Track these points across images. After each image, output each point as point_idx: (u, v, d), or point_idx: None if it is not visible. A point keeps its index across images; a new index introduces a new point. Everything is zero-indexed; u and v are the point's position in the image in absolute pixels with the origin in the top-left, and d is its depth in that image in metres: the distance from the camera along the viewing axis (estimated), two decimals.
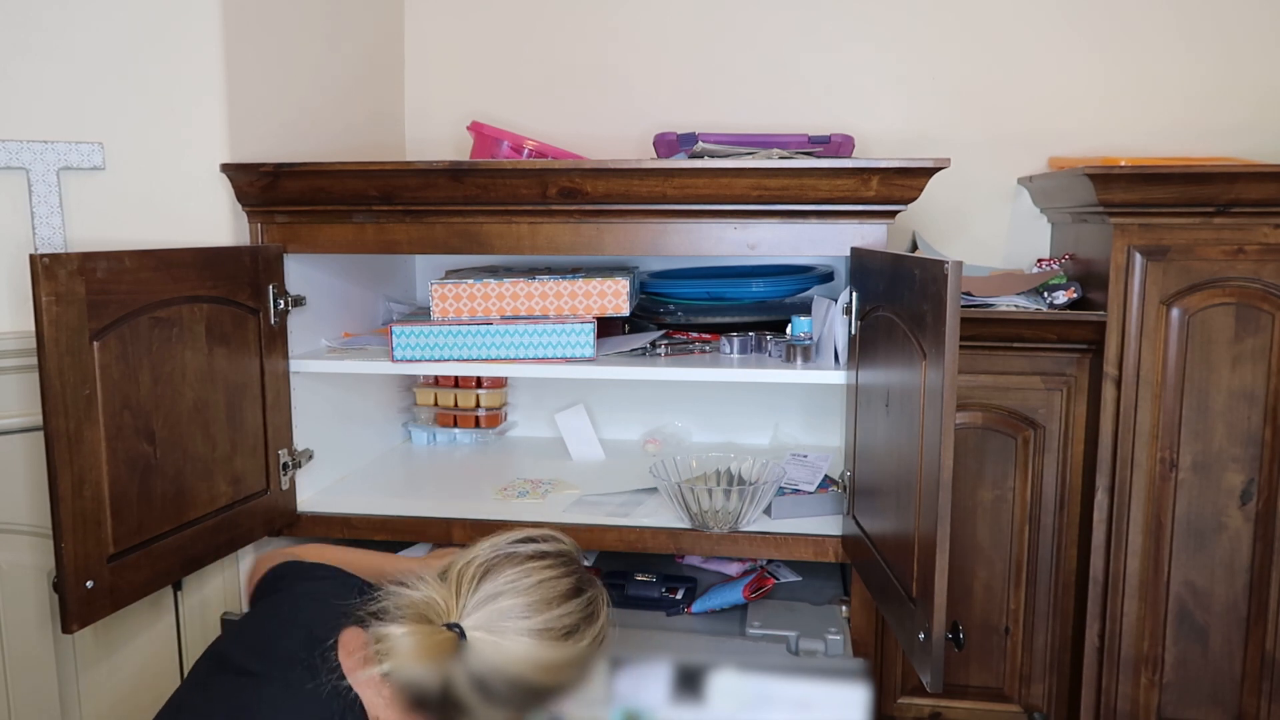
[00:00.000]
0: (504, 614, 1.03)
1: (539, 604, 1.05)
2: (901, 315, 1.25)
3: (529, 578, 1.06)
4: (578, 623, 1.07)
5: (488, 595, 1.04)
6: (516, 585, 1.05)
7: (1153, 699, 1.75)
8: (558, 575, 1.09)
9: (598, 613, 1.11)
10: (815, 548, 1.58)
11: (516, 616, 1.03)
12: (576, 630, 1.07)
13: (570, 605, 1.08)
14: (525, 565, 1.08)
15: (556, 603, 1.06)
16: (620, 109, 2.18)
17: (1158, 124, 2.03)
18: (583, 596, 1.10)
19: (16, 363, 1.46)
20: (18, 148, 1.50)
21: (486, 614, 1.03)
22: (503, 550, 1.10)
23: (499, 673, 1.02)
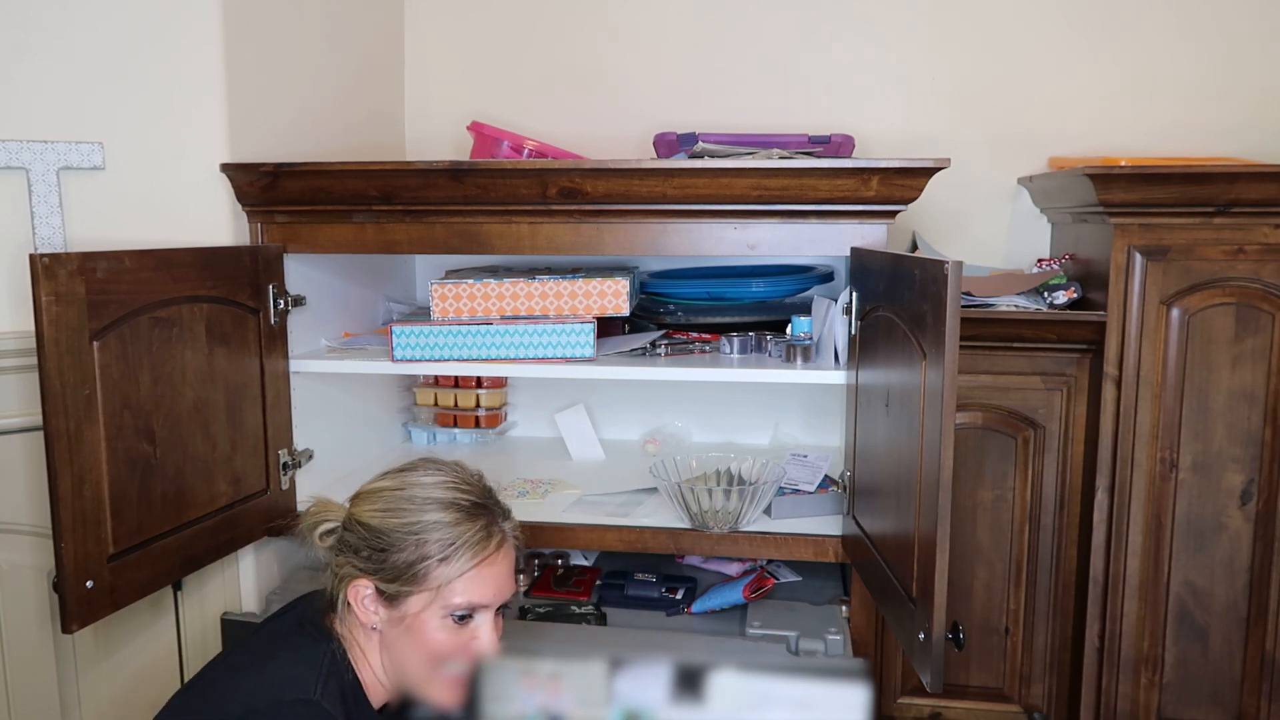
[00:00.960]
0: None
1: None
2: (901, 315, 1.25)
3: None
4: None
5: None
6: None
7: (1153, 699, 1.75)
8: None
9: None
10: (815, 548, 1.58)
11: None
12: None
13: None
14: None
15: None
16: (620, 109, 2.18)
17: (1158, 124, 2.03)
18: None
19: (16, 363, 1.46)
20: (18, 148, 1.50)
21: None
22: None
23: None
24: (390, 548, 1.10)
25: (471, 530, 1.11)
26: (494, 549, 1.12)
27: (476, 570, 1.10)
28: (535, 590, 1.74)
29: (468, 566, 1.09)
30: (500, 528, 1.15)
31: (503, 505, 1.19)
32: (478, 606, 1.11)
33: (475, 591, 1.10)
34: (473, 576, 1.10)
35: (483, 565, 1.11)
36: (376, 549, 1.10)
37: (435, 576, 1.09)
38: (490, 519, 1.14)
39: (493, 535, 1.13)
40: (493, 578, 1.12)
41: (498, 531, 1.14)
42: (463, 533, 1.10)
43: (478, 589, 1.10)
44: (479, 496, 1.15)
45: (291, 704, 1.02)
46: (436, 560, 1.09)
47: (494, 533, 1.13)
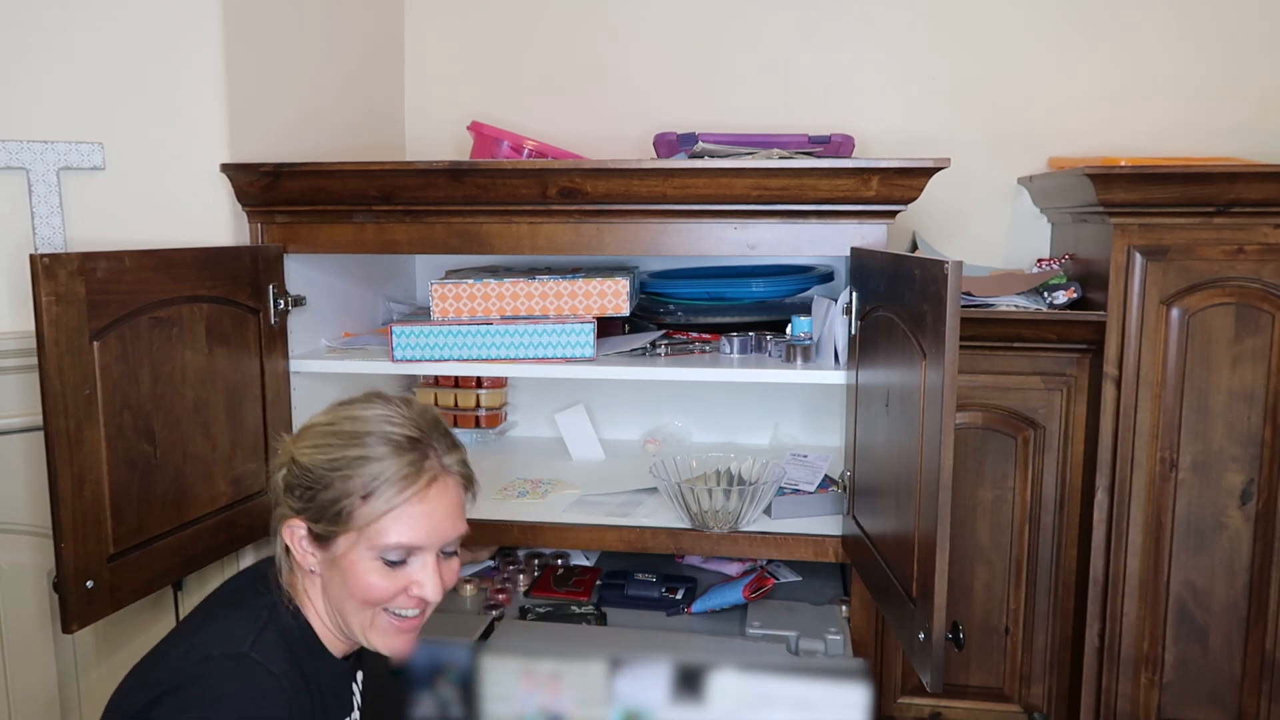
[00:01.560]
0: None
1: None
2: (901, 315, 1.25)
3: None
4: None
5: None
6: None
7: (1153, 699, 1.75)
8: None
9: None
10: (815, 548, 1.58)
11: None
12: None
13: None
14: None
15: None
16: (620, 109, 2.18)
17: (1158, 124, 2.03)
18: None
19: (16, 363, 1.46)
20: (18, 148, 1.49)
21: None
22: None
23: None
24: (317, 485, 1.03)
25: (398, 464, 1.02)
26: (425, 484, 1.03)
27: (406, 508, 1.02)
28: (535, 590, 1.74)
29: (394, 504, 1.01)
30: (438, 463, 1.06)
31: (448, 439, 1.10)
32: (410, 548, 1.03)
33: (405, 531, 1.02)
34: (400, 515, 1.02)
35: (413, 502, 1.02)
36: (306, 487, 1.04)
37: (360, 515, 1.01)
38: (424, 453, 1.05)
39: (425, 470, 1.04)
40: (426, 516, 1.03)
41: (433, 467, 1.05)
42: (387, 468, 1.02)
43: (407, 529, 1.02)
44: (415, 430, 1.06)
45: (219, 658, 0.96)
46: (359, 498, 1.01)
47: (427, 468, 1.04)
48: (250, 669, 0.96)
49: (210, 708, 0.93)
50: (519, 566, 1.83)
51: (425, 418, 1.09)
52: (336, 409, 1.10)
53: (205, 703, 0.93)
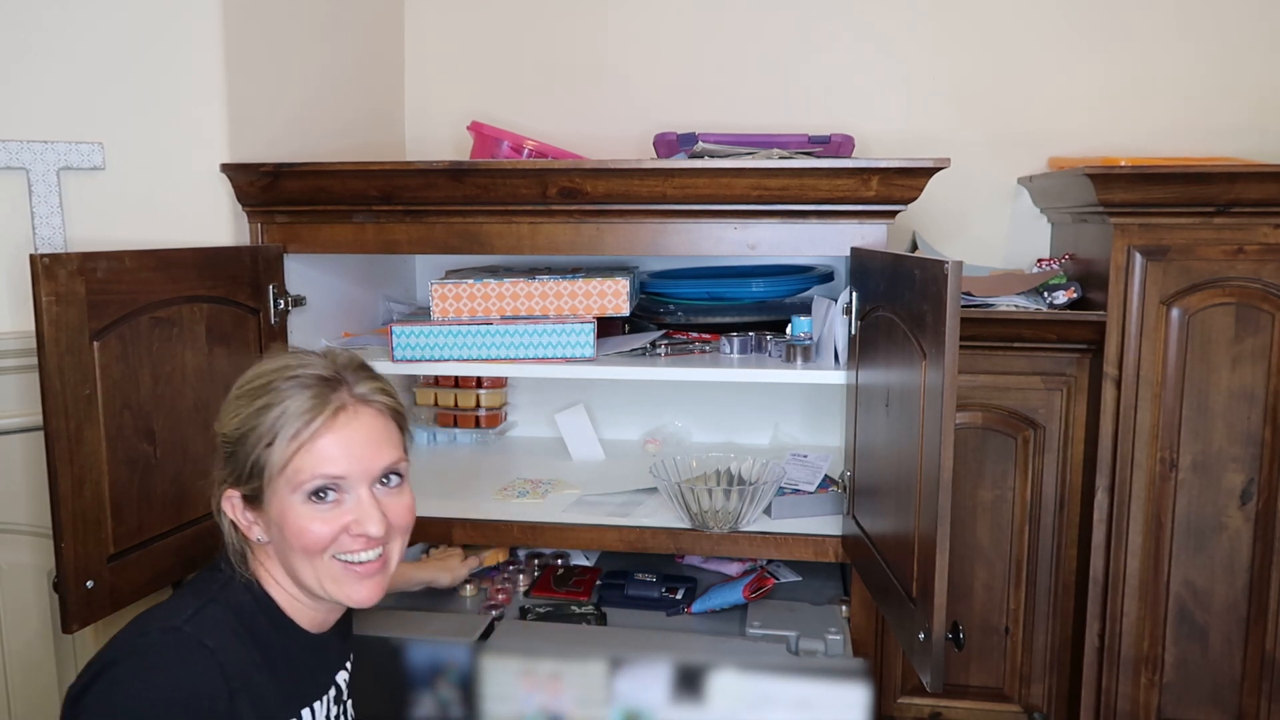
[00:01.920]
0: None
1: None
2: (901, 315, 1.25)
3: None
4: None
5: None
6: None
7: (1153, 699, 1.75)
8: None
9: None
10: (815, 548, 1.58)
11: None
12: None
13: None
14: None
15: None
16: (620, 109, 2.18)
17: (1158, 124, 2.03)
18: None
19: (16, 363, 1.46)
20: (18, 148, 1.50)
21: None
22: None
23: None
24: (235, 446, 1.01)
25: (299, 403, 0.99)
26: (332, 414, 1.00)
27: (315, 441, 0.98)
28: (535, 590, 1.74)
29: (303, 438, 0.98)
30: (347, 393, 1.02)
31: (364, 372, 1.06)
32: (332, 478, 0.99)
33: (319, 464, 0.98)
34: (311, 448, 0.98)
35: (321, 433, 0.99)
36: (228, 454, 1.02)
37: (274, 461, 0.98)
38: (328, 386, 1.01)
39: (330, 401, 1.00)
40: (342, 443, 0.99)
41: (341, 397, 1.01)
42: (289, 406, 0.99)
43: (321, 460, 0.98)
44: (323, 369, 1.03)
45: (154, 632, 0.95)
46: (265, 445, 0.98)
47: (332, 400, 1.00)
48: (182, 641, 0.94)
49: (143, 681, 0.91)
50: (519, 566, 1.83)
51: (338, 360, 1.05)
52: (245, 373, 1.06)
53: (139, 676, 0.92)
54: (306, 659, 1.08)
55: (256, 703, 0.98)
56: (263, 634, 1.02)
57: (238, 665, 0.97)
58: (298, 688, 1.05)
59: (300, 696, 1.06)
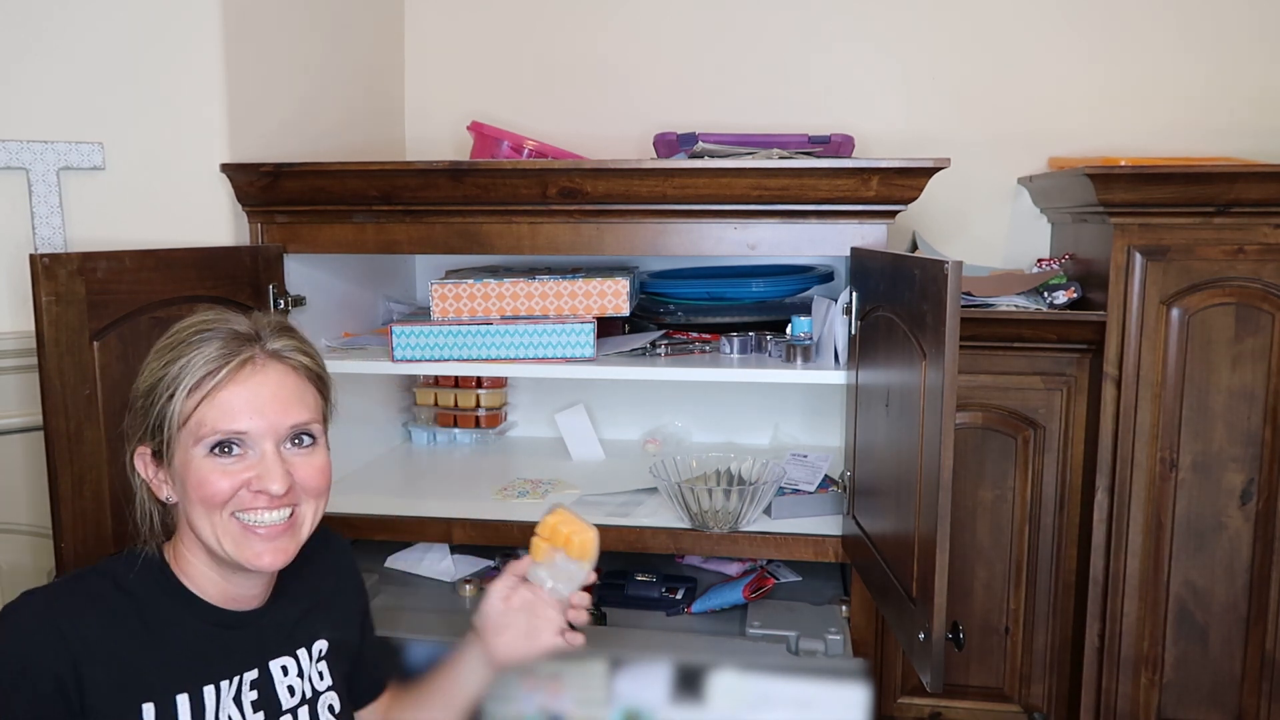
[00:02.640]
0: None
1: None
2: (901, 315, 1.25)
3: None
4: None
5: None
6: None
7: (1153, 699, 1.75)
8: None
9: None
10: (815, 548, 1.58)
11: None
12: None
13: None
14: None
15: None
16: (620, 109, 2.18)
17: (1158, 124, 2.03)
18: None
19: (16, 363, 1.46)
20: (18, 148, 1.49)
21: None
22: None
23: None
24: (144, 400, 0.99)
25: (205, 352, 0.96)
26: (239, 366, 0.97)
27: (218, 393, 0.96)
28: None
29: (205, 389, 0.95)
30: (256, 350, 0.99)
31: (284, 329, 1.03)
32: (233, 432, 0.96)
33: (223, 417, 0.95)
34: (214, 400, 0.95)
35: (225, 385, 0.96)
36: (140, 412, 1.00)
37: (178, 413, 0.95)
38: (239, 339, 0.98)
39: (236, 354, 0.97)
40: (245, 397, 0.96)
41: (249, 351, 0.98)
42: (196, 358, 0.96)
43: (225, 413, 0.95)
44: (236, 324, 1.00)
45: (12, 601, 0.94)
46: (167, 396, 0.96)
47: (240, 352, 0.97)
48: (27, 608, 0.94)
49: None
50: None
51: (260, 320, 1.03)
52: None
53: None
54: (214, 636, 1.02)
55: (117, 674, 0.94)
56: (152, 608, 0.99)
57: (92, 635, 0.94)
58: (193, 665, 1.00)
59: (196, 674, 1.00)
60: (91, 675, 0.93)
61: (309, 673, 1.08)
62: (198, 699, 0.98)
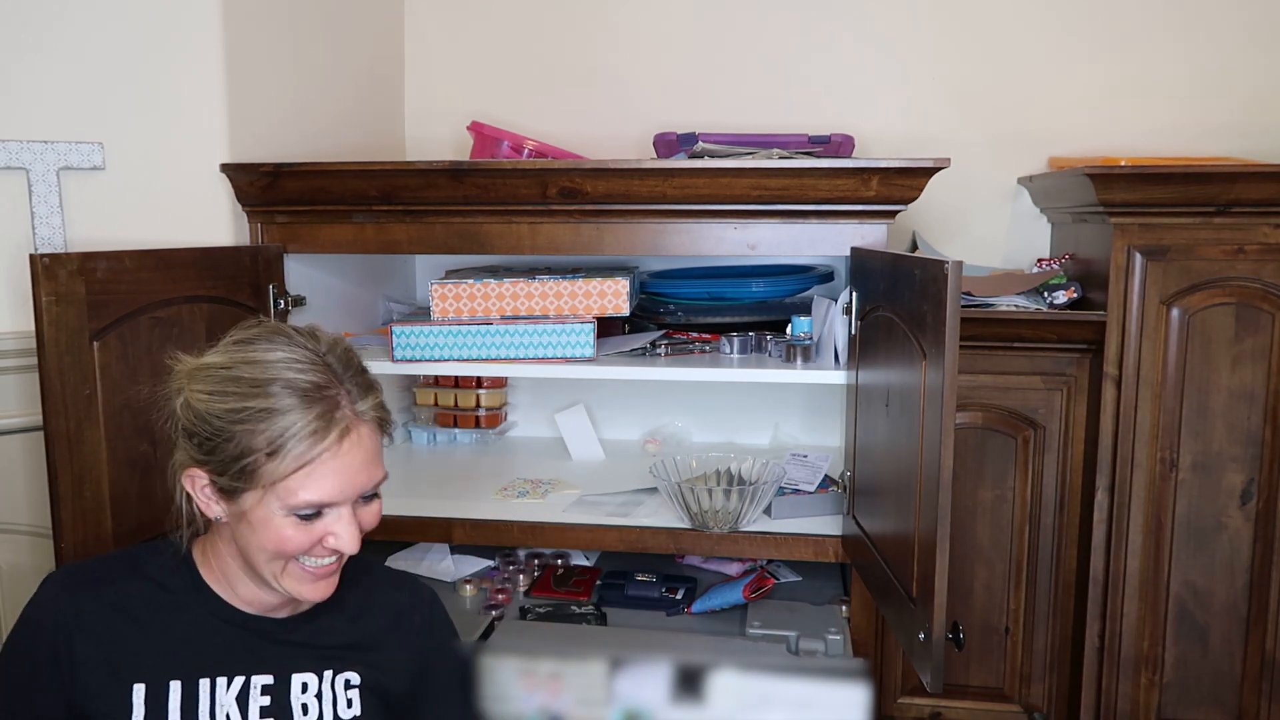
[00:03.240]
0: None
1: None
2: (901, 315, 1.25)
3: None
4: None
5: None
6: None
7: (1153, 699, 1.75)
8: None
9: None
10: (815, 548, 1.58)
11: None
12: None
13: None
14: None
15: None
16: (620, 109, 2.17)
17: (1157, 124, 2.03)
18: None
19: (16, 363, 1.46)
20: (18, 148, 1.49)
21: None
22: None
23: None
24: (217, 437, 0.95)
25: (305, 419, 0.94)
26: (336, 439, 0.95)
27: (317, 464, 0.94)
28: (535, 590, 1.74)
29: (303, 461, 0.93)
30: (350, 411, 0.97)
31: (361, 379, 1.00)
32: (323, 505, 0.96)
33: (315, 489, 0.94)
34: (311, 472, 0.94)
35: (324, 459, 0.94)
36: (206, 438, 0.96)
37: (265, 474, 0.94)
38: (332, 403, 0.96)
39: (335, 423, 0.95)
40: (338, 471, 0.95)
41: (345, 417, 0.96)
42: (293, 422, 0.93)
43: (317, 486, 0.94)
44: (321, 375, 0.97)
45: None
46: (264, 455, 0.93)
47: (338, 419, 0.95)
48: (52, 578, 1.03)
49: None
50: (519, 566, 1.83)
51: (335, 354, 1.00)
52: (233, 350, 1.00)
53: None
54: (222, 632, 1.02)
55: (110, 653, 0.99)
56: (165, 596, 1.03)
57: (94, 613, 1.00)
58: (193, 656, 1.00)
59: (195, 665, 1.00)
60: (84, 651, 0.99)
61: (328, 697, 1.06)
62: (191, 688, 1.00)
